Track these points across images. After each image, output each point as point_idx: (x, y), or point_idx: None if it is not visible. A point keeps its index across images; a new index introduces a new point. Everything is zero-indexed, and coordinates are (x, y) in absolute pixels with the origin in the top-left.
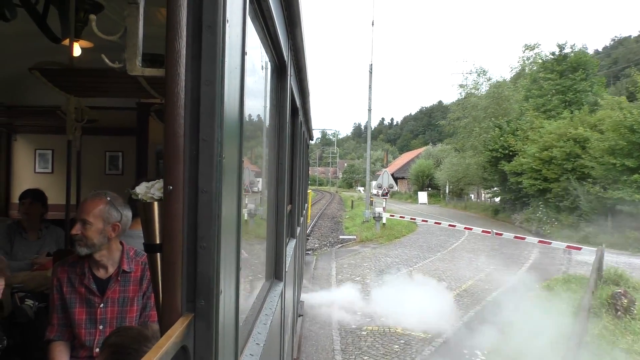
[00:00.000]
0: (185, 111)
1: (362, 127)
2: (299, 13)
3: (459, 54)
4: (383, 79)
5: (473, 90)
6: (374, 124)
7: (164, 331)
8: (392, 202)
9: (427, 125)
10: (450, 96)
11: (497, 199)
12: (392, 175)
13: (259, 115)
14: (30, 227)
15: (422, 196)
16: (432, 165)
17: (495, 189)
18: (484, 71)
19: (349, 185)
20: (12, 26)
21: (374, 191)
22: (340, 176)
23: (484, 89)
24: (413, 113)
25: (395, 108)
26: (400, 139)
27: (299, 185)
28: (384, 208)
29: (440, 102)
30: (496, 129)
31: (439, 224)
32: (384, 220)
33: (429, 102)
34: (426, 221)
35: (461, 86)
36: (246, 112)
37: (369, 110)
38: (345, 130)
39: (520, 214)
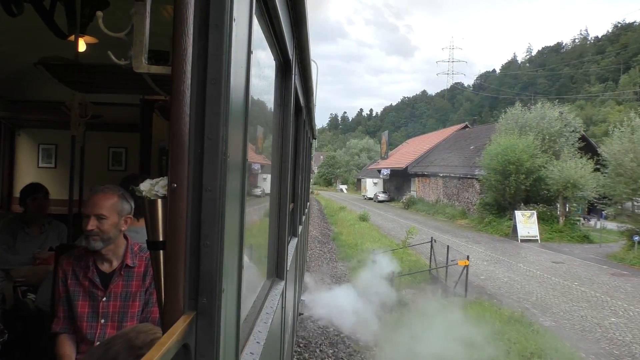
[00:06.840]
0: (191, 109)
1: (339, 118)
2: (305, 12)
3: (444, 42)
4: (361, 68)
5: None
6: (352, 115)
7: (166, 329)
8: (423, 224)
9: (410, 116)
10: (434, 86)
11: None
12: (406, 169)
13: (263, 114)
14: (34, 222)
15: (529, 225)
16: (536, 147)
17: None
18: None
19: (328, 182)
20: (17, 20)
21: (369, 194)
22: (316, 171)
23: None
24: (394, 104)
25: (375, 98)
26: (380, 131)
27: (301, 184)
28: None
29: (424, 91)
30: None
31: None
32: None
33: (410, 92)
34: None
35: None
36: (251, 111)
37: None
38: (320, 122)
39: None
